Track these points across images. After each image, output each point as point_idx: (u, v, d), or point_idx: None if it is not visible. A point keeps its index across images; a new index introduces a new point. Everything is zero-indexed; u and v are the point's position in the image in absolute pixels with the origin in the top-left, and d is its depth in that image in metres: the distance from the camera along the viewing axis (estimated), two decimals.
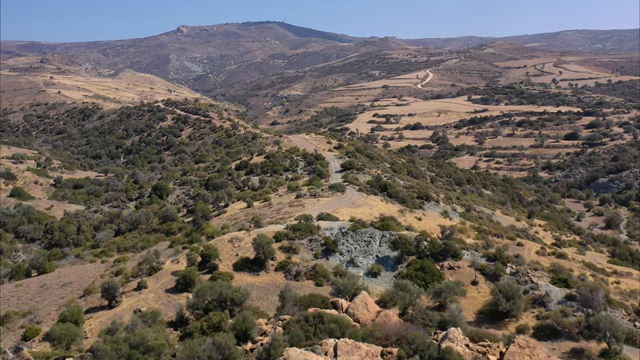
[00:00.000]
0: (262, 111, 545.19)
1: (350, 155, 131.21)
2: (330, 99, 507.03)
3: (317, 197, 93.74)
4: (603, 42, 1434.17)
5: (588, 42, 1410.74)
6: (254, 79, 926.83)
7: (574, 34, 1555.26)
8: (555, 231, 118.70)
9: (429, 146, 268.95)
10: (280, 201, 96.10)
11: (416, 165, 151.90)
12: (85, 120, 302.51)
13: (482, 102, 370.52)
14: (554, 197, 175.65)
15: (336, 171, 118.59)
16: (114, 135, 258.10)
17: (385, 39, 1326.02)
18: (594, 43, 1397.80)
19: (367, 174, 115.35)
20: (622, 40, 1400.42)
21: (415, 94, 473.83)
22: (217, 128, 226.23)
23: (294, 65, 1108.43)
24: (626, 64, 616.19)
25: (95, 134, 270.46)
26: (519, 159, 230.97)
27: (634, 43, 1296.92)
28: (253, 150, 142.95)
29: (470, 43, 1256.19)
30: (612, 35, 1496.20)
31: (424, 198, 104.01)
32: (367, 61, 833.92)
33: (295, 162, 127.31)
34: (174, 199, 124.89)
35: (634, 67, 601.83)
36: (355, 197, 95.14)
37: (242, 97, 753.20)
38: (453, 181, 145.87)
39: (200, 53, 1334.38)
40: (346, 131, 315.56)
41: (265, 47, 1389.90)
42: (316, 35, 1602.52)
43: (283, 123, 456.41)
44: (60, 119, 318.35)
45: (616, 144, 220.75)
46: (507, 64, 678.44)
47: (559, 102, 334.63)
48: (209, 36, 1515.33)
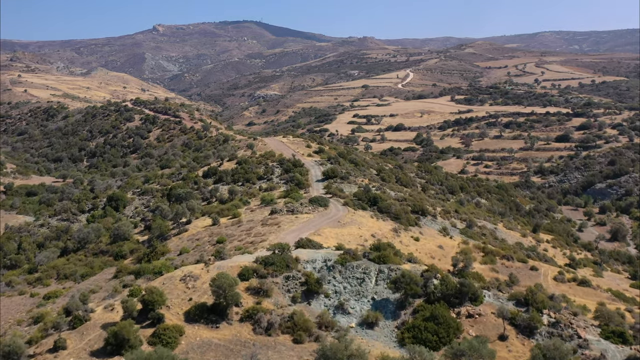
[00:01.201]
0: (238, 111, 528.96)
1: (333, 161, 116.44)
2: (309, 99, 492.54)
3: (296, 214, 78.79)
4: (580, 43, 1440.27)
5: (565, 43, 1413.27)
6: (231, 78, 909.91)
7: (551, 35, 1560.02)
8: (564, 247, 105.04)
9: (412, 148, 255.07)
10: (252, 218, 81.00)
11: (405, 171, 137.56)
12: (49, 120, 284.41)
13: (466, 102, 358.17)
14: (551, 204, 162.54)
15: (317, 180, 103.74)
16: (78, 136, 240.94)
17: (364, 38, 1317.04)
18: (571, 44, 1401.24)
19: (353, 184, 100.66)
20: (598, 42, 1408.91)
21: (396, 94, 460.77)
22: (188, 129, 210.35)
23: (271, 64, 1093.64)
24: (608, 65, 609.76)
25: (58, 135, 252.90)
26: (509, 163, 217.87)
27: (611, 44, 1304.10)
28: (223, 155, 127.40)
29: (449, 43, 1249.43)
30: (589, 37, 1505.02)
31: (420, 212, 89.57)
32: (346, 61, 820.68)
33: (271, 169, 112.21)
34: (131, 211, 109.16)
35: (615, 67, 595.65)
36: (341, 213, 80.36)
37: (218, 96, 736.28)
38: (446, 189, 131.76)
39: (176, 52, 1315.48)
40: (325, 132, 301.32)
41: (242, 46, 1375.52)
42: (294, 35, 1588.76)
43: (259, 124, 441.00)
44: (23, 119, 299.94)
45: (612, 147, 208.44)
46: (487, 64, 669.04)
47: (545, 103, 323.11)
48: (186, 35, 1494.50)
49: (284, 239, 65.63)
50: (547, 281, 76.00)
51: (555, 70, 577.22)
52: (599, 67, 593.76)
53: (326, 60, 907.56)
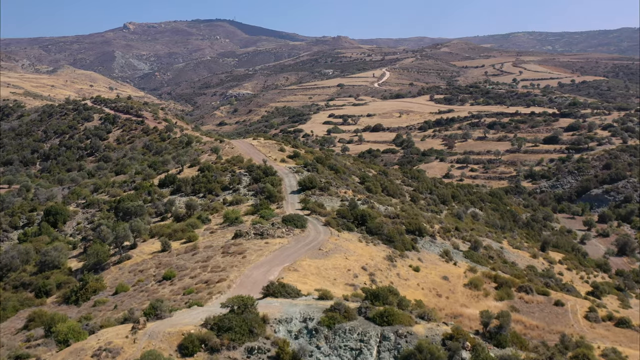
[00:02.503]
0: (209, 111, 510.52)
1: (310, 168, 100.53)
2: (282, 98, 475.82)
3: (266, 238, 62.85)
4: (553, 44, 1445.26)
5: (538, 44, 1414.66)
6: (203, 77, 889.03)
7: (524, 35, 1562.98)
8: (579, 269, 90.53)
9: (392, 150, 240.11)
10: (211, 242, 64.77)
11: (390, 178, 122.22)
12: (3, 120, 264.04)
13: (446, 102, 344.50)
14: (548, 213, 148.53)
15: (292, 192, 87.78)
16: (32, 137, 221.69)
17: (338, 38, 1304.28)
18: (544, 45, 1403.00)
19: (335, 196, 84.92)
20: (571, 43, 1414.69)
21: (372, 93, 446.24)
22: (151, 130, 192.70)
23: (244, 63, 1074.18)
24: (585, 65, 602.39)
25: (10, 136, 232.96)
26: (496, 166, 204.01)
27: (584, 45, 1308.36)
28: (183, 161, 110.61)
29: (423, 43, 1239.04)
30: (562, 38, 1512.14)
31: (416, 232, 74.20)
32: (320, 60, 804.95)
33: (238, 178, 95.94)
34: (72, 228, 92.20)
35: (593, 67, 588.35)
36: (322, 236, 64.62)
37: (189, 96, 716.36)
38: (437, 198, 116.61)
39: (147, 50, 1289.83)
40: (300, 133, 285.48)
41: (215, 45, 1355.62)
42: (267, 34, 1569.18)
43: (231, 123, 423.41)
44: None
45: (605, 150, 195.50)
46: (464, 63, 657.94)
47: (529, 103, 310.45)
48: (157, 33, 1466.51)
49: (249, 277, 49.84)
50: (577, 321, 61.43)
51: (533, 70, 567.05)
52: (576, 67, 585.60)
53: (300, 59, 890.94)
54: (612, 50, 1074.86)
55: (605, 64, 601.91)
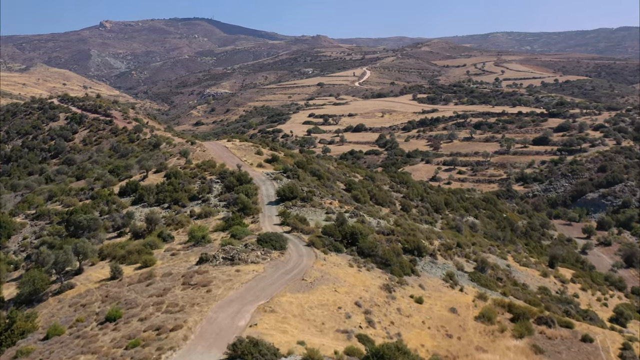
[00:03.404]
0: (185, 110, 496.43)
1: (290, 174, 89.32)
2: (261, 97, 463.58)
3: (237, 264, 51.64)
4: (531, 44, 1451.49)
5: (517, 44, 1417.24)
6: (180, 76, 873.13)
7: (502, 35, 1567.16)
8: (593, 288, 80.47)
9: (376, 152, 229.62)
10: (171, 269, 53.36)
11: (378, 184, 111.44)
12: None
13: (429, 101, 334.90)
14: (544, 220, 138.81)
15: (270, 202, 76.58)
16: None
17: (317, 37, 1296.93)
18: (523, 45, 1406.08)
19: (319, 208, 73.90)
20: (549, 43, 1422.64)
21: (353, 92, 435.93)
22: (119, 130, 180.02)
23: (222, 62, 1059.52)
24: (567, 64, 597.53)
25: None
26: (485, 168, 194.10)
27: (562, 45, 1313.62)
28: (148, 166, 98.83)
29: (402, 43, 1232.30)
30: (540, 38, 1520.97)
31: (415, 252, 63.47)
32: (300, 59, 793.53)
33: (208, 186, 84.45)
34: (17, 244, 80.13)
35: (575, 67, 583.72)
36: (305, 261, 53.58)
37: (166, 95, 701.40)
38: (430, 206, 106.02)
39: (124, 49, 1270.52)
40: (279, 133, 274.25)
41: (192, 44, 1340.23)
42: (246, 32, 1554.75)
43: (208, 123, 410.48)
44: None
45: (599, 151, 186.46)
46: (445, 62, 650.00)
47: (515, 102, 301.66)
48: (134, 32, 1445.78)
49: (212, 322, 38.73)
50: None
51: (515, 69, 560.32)
52: (558, 67, 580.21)
53: (279, 58, 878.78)
54: (589, 50, 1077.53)
55: (587, 64, 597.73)
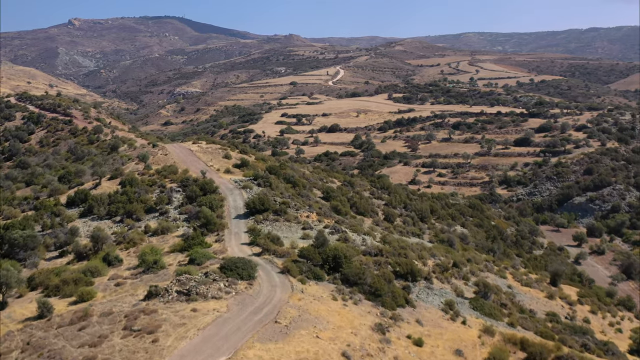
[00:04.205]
0: (154, 109, 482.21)
1: (262, 182, 79.19)
2: (232, 97, 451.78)
3: (194, 301, 41.55)
4: (503, 44, 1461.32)
5: (489, 44, 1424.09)
6: (150, 75, 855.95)
7: (474, 36, 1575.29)
8: (602, 309, 71.77)
9: (351, 153, 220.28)
10: (112, 306, 43.00)
11: (358, 190, 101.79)
12: None
13: (405, 101, 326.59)
14: (533, 227, 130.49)
15: (237, 216, 66.49)
16: None
17: (290, 36, 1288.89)
18: (495, 45, 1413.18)
19: (294, 223, 64.04)
20: (521, 43, 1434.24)
21: (327, 91, 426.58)
22: (79, 131, 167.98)
23: (193, 61, 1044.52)
24: (541, 64, 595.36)
25: None
26: (466, 171, 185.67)
27: (533, 46, 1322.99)
28: (102, 172, 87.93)
29: (375, 42, 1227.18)
30: (511, 38, 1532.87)
31: (408, 276, 53.90)
32: (272, 58, 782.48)
33: (168, 196, 74.02)
34: None
35: (549, 67, 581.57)
36: (279, 294, 43.68)
37: (135, 94, 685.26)
38: (415, 215, 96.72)
39: (92, 47, 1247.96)
40: (251, 133, 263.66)
41: (163, 42, 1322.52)
42: (218, 31, 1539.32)
43: (177, 123, 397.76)
44: None
45: (584, 153, 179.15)
46: (419, 62, 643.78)
47: (493, 102, 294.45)
48: (103, 30, 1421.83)
49: None
50: None
51: (490, 69, 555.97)
52: (532, 67, 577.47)
53: (251, 57, 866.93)
54: (560, 50, 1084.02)
55: (561, 64, 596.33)
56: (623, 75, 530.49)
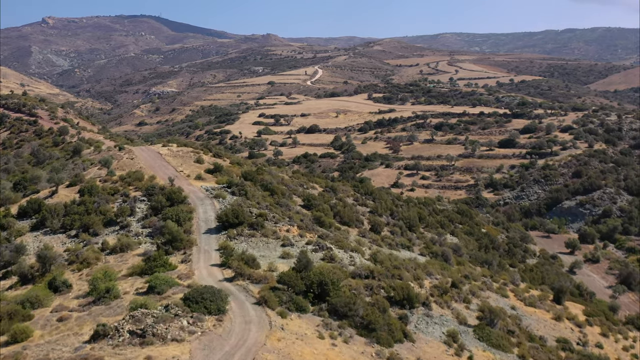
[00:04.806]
0: (129, 109, 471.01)
1: (236, 190, 71.39)
2: (209, 96, 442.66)
3: (150, 345, 33.83)
4: (480, 44, 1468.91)
5: (466, 45, 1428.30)
6: (125, 74, 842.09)
7: (452, 36, 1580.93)
8: (613, 330, 65.16)
9: (331, 155, 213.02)
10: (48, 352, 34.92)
11: (341, 196, 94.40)
12: None
13: (385, 101, 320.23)
14: (524, 234, 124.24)
15: (208, 230, 58.71)
16: None
17: (267, 36, 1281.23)
18: (472, 46, 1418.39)
19: (273, 238, 56.37)
20: (498, 44, 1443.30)
21: (305, 91, 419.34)
22: (45, 132, 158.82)
23: (170, 60, 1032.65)
24: (520, 64, 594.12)
25: None
26: (450, 173, 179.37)
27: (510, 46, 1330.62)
28: (59, 178, 79.50)
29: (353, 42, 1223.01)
30: (488, 39, 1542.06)
31: (405, 303, 46.63)
32: (249, 57, 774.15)
33: (130, 207, 65.96)
34: None
35: (528, 67, 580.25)
36: (254, 334, 36.07)
37: (110, 93, 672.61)
38: (402, 223, 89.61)
39: (67, 46, 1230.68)
40: (227, 134, 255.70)
41: (139, 41, 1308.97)
42: (195, 31, 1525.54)
43: (152, 123, 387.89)
44: None
45: (572, 155, 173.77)
46: (398, 62, 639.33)
47: (475, 102, 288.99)
48: (78, 28, 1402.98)
49: None
50: None
51: (469, 69, 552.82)
52: (511, 67, 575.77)
53: (228, 56, 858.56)
54: (537, 51, 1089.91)
55: (539, 64, 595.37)
56: (602, 75, 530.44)
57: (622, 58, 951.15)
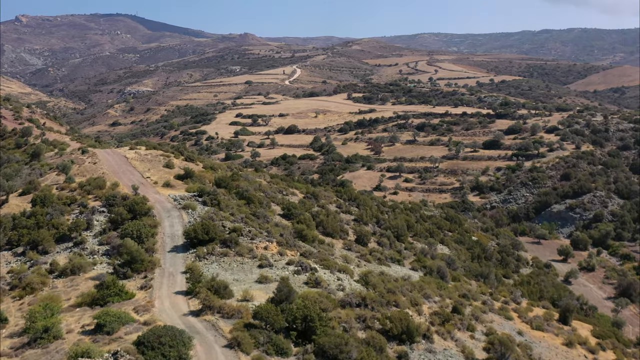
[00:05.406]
0: (102, 109, 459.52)
1: (208, 200, 63.95)
2: (185, 96, 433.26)
3: None
4: (458, 45, 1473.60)
5: (444, 45, 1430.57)
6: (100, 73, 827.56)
7: (430, 36, 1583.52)
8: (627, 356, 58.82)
9: (311, 156, 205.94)
10: None
11: (323, 203, 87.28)
12: None
13: (366, 100, 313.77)
14: (515, 240, 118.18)
15: (174, 247, 51.24)
16: None
17: (245, 35, 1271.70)
18: (450, 46, 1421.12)
19: (248, 258, 49.04)
20: (475, 44, 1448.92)
21: (283, 91, 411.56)
22: (8, 133, 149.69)
23: (146, 60, 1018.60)
24: (499, 64, 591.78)
25: None
26: (434, 176, 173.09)
27: (487, 47, 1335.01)
28: (10, 186, 71.42)
29: (331, 42, 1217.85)
30: (466, 39, 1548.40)
31: (404, 337, 39.60)
32: (227, 56, 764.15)
33: (87, 219, 58.24)
34: None
35: (507, 67, 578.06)
36: None
37: (84, 93, 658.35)
38: (390, 233, 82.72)
39: (41, 45, 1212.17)
40: (203, 135, 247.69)
41: (115, 40, 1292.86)
42: (172, 30, 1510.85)
43: (126, 124, 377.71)
44: None
45: (559, 156, 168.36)
46: (377, 61, 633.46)
47: (457, 102, 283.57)
48: (52, 27, 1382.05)
49: None
50: None
51: (449, 68, 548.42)
52: (491, 67, 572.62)
53: (205, 55, 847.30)
54: (514, 51, 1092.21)
55: (519, 64, 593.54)
56: (581, 76, 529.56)
57: (598, 59, 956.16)
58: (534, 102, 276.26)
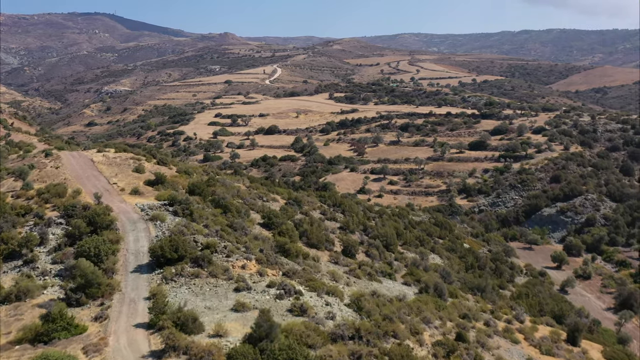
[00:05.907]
0: (78, 109, 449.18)
1: (180, 210, 57.34)
2: (163, 96, 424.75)
3: None
4: (438, 45, 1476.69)
5: (424, 45, 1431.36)
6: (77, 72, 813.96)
7: (410, 37, 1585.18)
8: None
9: (292, 157, 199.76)
10: None
11: (306, 210, 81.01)
12: None
13: (348, 100, 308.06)
14: (507, 247, 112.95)
15: (137, 267, 44.62)
16: None
17: (224, 34, 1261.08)
18: (430, 46, 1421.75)
19: (223, 279, 42.56)
20: (455, 44, 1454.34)
21: (264, 90, 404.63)
22: None
23: (125, 59, 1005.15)
24: (481, 64, 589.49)
25: None
26: (420, 178, 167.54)
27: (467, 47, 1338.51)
28: None
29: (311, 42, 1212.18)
30: (446, 39, 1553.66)
31: None
32: (206, 56, 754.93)
33: (41, 232, 51.39)
34: None
35: (489, 67, 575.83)
36: None
37: (60, 92, 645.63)
38: (379, 242, 76.72)
39: (17, 44, 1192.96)
40: (181, 135, 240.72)
41: (93, 39, 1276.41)
42: (150, 29, 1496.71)
43: (102, 124, 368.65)
44: None
45: (548, 158, 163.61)
46: (358, 61, 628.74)
47: (440, 102, 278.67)
48: (29, 26, 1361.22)
49: None
50: None
51: (431, 68, 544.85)
52: (472, 67, 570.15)
53: (184, 55, 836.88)
54: (494, 51, 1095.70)
55: (500, 64, 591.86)
56: (562, 76, 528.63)
57: (577, 59, 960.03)
58: (519, 102, 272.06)
